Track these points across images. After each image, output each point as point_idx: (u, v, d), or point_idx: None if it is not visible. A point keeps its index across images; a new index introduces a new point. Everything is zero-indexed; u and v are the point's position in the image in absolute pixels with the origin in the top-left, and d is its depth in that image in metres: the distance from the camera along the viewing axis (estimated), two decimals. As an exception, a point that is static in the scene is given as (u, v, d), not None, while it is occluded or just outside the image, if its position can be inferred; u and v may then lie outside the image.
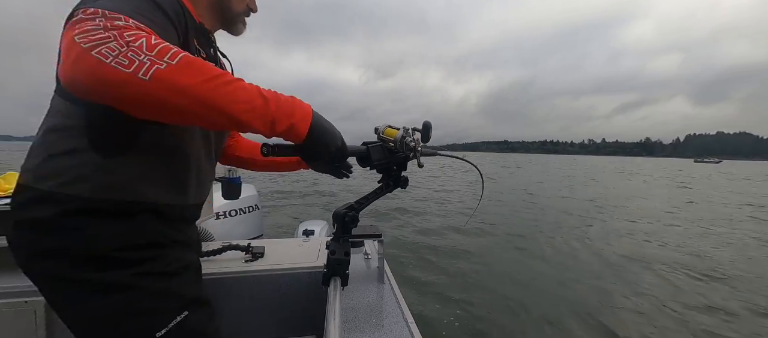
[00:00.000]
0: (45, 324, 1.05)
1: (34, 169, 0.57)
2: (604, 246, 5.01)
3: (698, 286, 3.66)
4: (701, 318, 2.96)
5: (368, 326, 0.85)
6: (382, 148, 1.04)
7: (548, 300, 3.19)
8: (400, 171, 1.13)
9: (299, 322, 1.22)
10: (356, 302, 0.98)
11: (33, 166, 0.58)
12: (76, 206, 0.56)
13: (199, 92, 0.45)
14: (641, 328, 2.74)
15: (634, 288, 3.51)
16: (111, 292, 0.57)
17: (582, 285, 3.54)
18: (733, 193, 13.53)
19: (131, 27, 0.45)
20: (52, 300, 0.60)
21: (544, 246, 4.93)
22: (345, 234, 1.05)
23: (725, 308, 3.15)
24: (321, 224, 2.58)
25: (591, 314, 2.93)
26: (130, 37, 0.43)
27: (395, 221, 6.30)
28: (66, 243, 0.56)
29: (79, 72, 0.42)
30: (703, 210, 8.93)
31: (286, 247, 1.41)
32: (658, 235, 5.83)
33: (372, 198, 1.10)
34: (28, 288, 1.04)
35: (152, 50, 0.43)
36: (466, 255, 4.41)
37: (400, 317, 0.90)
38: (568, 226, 6.29)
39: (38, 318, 1.03)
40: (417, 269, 3.86)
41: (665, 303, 3.19)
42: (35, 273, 0.59)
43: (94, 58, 0.41)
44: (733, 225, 6.93)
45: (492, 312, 2.94)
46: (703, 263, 4.39)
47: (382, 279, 1.13)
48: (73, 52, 0.42)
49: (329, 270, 0.98)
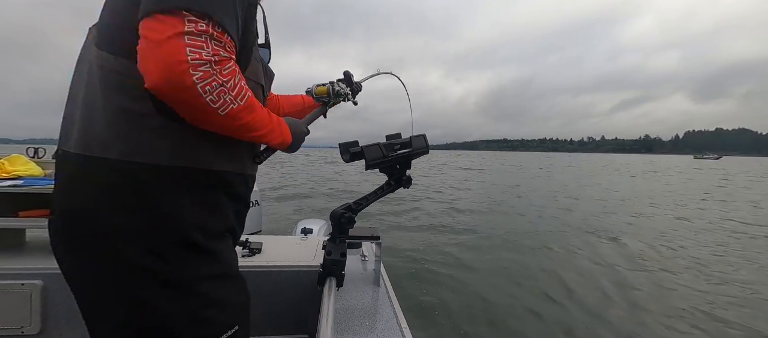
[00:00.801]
0: (40, 307, 1.05)
1: (93, 137, 0.54)
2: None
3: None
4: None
5: (361, 328, 0.85)
6: (378, 146, 1.04)
7: (553, 307, 3.16)
8: (404, 170, 1.13)
9: (292, 321, 1.21)
10: (350, 303, 0.98)
11: (91, 134, 0.54)
12: (151, 175, 0.54)
13: (248, 127, 0.59)
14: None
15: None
16: (178, 294, 0.55)
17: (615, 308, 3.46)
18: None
19: (226, 59, 0.52)
20: (100, 290, 0.55)
21: (544, 252, 4.88)
22: (341, 235, 1.05)
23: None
24: (320, 223, 2.58)
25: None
26: (226, 72, 0.52)
27: (394, 221, 6.29)
28: (138, 219, 0.53)
29: (176, 90, 0.48)
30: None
31: (283, 244, 1.41)
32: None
33: (371, 198, 1.10)
34: (23, 270, 1.05)
35: (234, 90, 0.53)
36: (465, 261, 4.38)
37: (393, 321, 0.89)
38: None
39: (34, 301, 1.04)
40: (414, 273, 3.84)
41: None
42: (93, 253, 0.54)
43: (197, 90, 0.48)
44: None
45: (492, 321, 2.91)
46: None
47: (377, 282, 1.13)
48: (178, 67, 0.47)
49: (325, 270, 0.98)
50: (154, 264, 0.54)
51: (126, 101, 0.54)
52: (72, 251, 0.56)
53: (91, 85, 0.56)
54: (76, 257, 0.56)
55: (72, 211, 0.54)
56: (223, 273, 0.62)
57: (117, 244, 0.53)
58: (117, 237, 0.53)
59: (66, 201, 0.55)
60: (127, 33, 0.53)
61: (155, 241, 0.54)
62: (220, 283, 0.61)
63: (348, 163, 1.03)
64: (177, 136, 0.56)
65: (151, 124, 0.54)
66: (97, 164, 0.53)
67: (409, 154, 1.11)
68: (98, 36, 0.57)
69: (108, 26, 0.57)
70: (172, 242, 0.55)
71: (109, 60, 0.55)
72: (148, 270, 0.53)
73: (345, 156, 1.02)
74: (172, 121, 0.54)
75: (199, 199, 0.59)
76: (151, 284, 0.54)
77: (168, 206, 0.55)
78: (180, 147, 0.56)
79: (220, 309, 0.60)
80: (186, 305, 0.56)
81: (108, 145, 0.53)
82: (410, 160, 1.13)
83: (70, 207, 0.55)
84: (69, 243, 0.56)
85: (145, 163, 0.53)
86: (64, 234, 0.57)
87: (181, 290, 0.56)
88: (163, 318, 0.55)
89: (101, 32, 0.57)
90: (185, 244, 0.56)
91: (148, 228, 0.54)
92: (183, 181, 0.57)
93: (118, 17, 0.56)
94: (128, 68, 0.52)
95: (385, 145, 1.07)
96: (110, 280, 0.54)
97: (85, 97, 0.57)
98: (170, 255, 0.55)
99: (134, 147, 0.53)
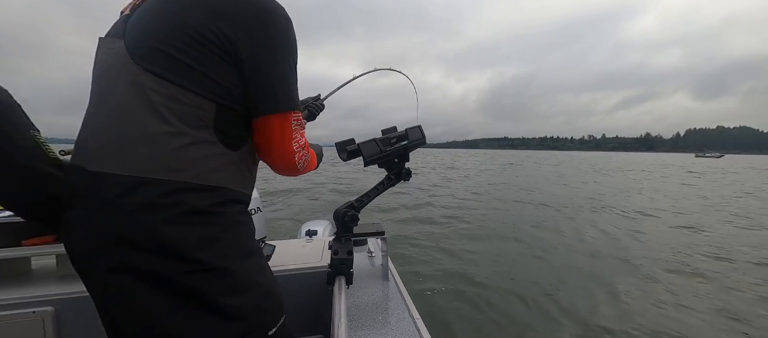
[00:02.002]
0: (54, 333, 1.05)
1: (161, 161, 0.55)
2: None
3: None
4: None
5: (374, 324, 0.86)
6: (374, 142, 1.04)
7: (564, 291, 3.18)
8: (403, 163, 1.12)
9: (306, 322, 1.22)
10: (362, 300, 0.99)
11: (157, 157, 0.55)
12: (218, 197, 0.60)
13: (309, 169, 0.80)
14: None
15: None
16: (229, 317, 0.58)
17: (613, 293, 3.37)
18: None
19: (304, 132, 0.74)
20: (148, 310, 0.54)
21: (560, 241, 4.90)
22: (346, 234, 1.05)
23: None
24: (324, 224, 2.58)
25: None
26: (307, 149, 0.75)
27: (399, 215, 6.32)
28: (218, 233, 0.58)
29: (289, 170, 0.74)
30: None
31: (289, 248, 1.42)
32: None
33: (373, 194, 1.10)
34: (34, 299, 1.05)
35: (309, 154, 0.76)
36: (473, 250, 4.41)
37: (406, 313, 0.90)
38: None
39: (47, 328, 1.04)
40: (422, 264, 3.87)
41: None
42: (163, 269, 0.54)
43: (299, 169, 0.74)
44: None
45: (503, 306, 2.94)
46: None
47: (386, 277, 1.14)
48: (291, 157, 0.71)
49: (333, 269, 0.99)
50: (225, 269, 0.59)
51: (192, 131, 0.58)
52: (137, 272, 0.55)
53: (139, 108, 0.56)
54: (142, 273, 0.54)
55: (136, 234, 0.53)
56: (265, 265, 0.70)
57: (196, 254, 0.55)
58: (193, 250, 0.55)
59: (123, 227, 0.53)
60: (197, 70, 0.58)
61: (228, 249, 0.60)
62: (267, 273, 0.69)
63: (346, 161, 1.03)
64: (234, 164, 0.64)
65: (216, 151, 0.61)
66: (165, 186, 0.55)
67: (407, 146, 1.11)
68: (150, 61, 0.57)
69: (167, 56, 0.57)
70: (240, 249, 0.62)
71: (173, 90, 0.56)
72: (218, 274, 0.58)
73: (342, 155, 1.02)
74: (231, 150, 0.63)
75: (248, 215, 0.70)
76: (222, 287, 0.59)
77: (240, 221, 0.64)
78: (236, 173, 0.65)
79: (274, 298, 0.67)
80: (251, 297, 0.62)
81: (179, 168, 0.56)
82: (408, 153, 1.13)
83: (133, 230, 0.53)
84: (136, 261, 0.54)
85: (219, 186, 0.60)
86: (126, 257, 0.54)
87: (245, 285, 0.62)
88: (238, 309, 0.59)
89: (158, 60, 0.57)
90: (248, 251, 0.64)
91: (227, 239, 0.60)
92: (244, 201, 0.68)
93: (180, 52, 0.57)
94: (199, 103, 0.58)
95: (381, 139, 1.06)
96: (183, 294, 0.55)
97: (126, 117, 0.57)
98: (236, 257, 0.61)
99: (198, 170, 0.58)
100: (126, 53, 0.58)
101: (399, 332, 0.82)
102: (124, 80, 0.57)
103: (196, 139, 0.58)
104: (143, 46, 0.58)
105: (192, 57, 0.57)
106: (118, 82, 0.58)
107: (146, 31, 0.59)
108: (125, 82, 0.57)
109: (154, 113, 0.56)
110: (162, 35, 0.58)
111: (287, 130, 0.67)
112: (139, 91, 0.56)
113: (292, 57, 0.67)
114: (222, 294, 0.57)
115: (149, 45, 0.58)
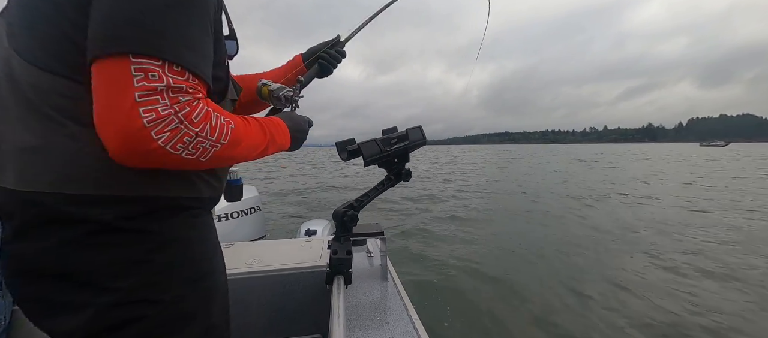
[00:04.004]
0: None
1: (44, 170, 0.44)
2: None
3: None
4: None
5: (372, 324, 0.86)
6: (374, 142, 1.04)
7: (558, 292, 3.18)
8: (403, 164, 1.13)
9: (304, 321, 1.22)
10: (360, 300, 0.99)
11: (32, 165, 0.44)
12: (137, 208, 0.47)
13: (239, 158, 0.53)
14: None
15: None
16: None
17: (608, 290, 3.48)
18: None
19: (192, 103, 0.43)
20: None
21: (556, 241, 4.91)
22: (345, 233, 1.05)
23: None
24: (323, 223, 2.59)
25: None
26: (197, 119, 0.43)
27: (399, 215, 6.32)
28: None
29: (137, 154, 0.41)
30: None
31: (288, 248, 1.42)
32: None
33: (373, 194, 1.10)
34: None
35: (213, 134, 0.45)
36: (473, 250, 4.41)
37: (404, 314, 0.90)
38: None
39: None
40: (422, 264, 3.87)
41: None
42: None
43: (165, 151, 0.41)
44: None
45: (503, 307, 2.94)
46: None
47: (385, 277, 1.13)
48: (132, 125, 0.39)
49: (332, 269, 0.99)
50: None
51: (82, 128, 0.44)
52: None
53: (16, 106, 0.45)
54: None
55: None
56: (217, 294, 0.64)
57: (115, 283, 0.46)
58: (109, 278, 0.47)
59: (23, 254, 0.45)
60: (64, 43, 0.43)
61: (159, 276, 0.51)
62: (216, 303, 0.63)
63: (346, 161, 1.03)
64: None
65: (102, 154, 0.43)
66: (62, 201, 0.44)
67: (407, 147, 1.11)
68: (15, 39, 0.45)
69: (27, 27, 0.44)
70: (177, 275, 0.54)
71: (46, 79, 0.43)
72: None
73: (342, 155, 1.02)
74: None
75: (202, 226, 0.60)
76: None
77: (181, 237, 0.54)
78: (165, 173, 0.49)
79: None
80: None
81: (76, 177, 0.44)
82: (408, 153, 1.13)
83: (33, 258, 0.45)
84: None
85: (137, 195, 0.47)
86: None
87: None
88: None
89: (19, 35, 0.45)
90: (192, 277, 0.57)
91: (158, 262, 0.50)
92: (193, 207, 0.56)
93: (48, 23, 0.43)
94: (81, 93, 0.42)
95: (381, 140, 1.06)
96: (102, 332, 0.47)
97: (4, 117, 0.46)
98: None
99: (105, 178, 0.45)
100: (4, 33, 0.46)
101: (397, 332, 0.82)
102: (2, 70, 0.46)
103: (91, 137, 0.42)
104: (15, 22, 0.45)
105: (62, 29, 0.43)
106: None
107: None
108: (2, 71, 0.46)
109: (30, 109, 0.44)
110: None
111: (119, 82, 0.39)
112: (13, 82, 0.44)
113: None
114: (148, 334, 0.48)
115: (19, 16, 0.45)
